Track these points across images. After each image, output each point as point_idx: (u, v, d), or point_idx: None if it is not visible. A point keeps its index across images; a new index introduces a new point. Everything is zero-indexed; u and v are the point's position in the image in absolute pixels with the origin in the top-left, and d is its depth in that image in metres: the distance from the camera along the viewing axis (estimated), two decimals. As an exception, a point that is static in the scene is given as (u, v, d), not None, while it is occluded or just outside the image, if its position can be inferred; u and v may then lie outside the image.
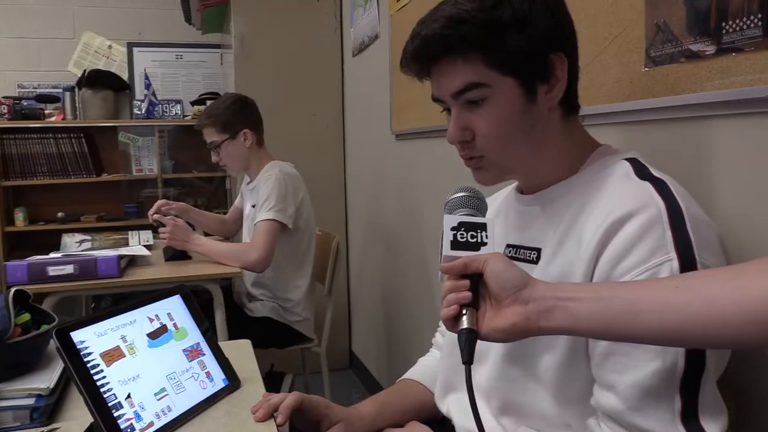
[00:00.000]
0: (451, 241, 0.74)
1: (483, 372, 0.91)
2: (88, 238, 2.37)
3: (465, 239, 0.75)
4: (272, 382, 2.30)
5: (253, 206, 2.25)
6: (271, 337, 2.24)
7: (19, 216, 3.62)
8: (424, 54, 0.83)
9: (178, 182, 4.01)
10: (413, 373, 1.13)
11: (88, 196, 3.85)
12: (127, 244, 2.33)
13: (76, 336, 0.81)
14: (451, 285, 0.72)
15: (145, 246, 2.27)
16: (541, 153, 0.85)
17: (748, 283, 0.56)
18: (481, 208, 0.80)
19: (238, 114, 2.23)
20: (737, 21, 0.86)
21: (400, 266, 2.47)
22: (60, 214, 3.72)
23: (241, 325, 2.14)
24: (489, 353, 0.90)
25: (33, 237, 3.64)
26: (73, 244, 2.31)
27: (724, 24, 0.88)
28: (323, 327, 2.37)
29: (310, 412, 0.97)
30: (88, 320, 0.84)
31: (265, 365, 2.39)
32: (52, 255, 1.97)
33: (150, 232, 2.50)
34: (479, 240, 0.75)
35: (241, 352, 1.17)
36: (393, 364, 2.70)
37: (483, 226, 0.76)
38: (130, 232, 2.47)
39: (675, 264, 0.69)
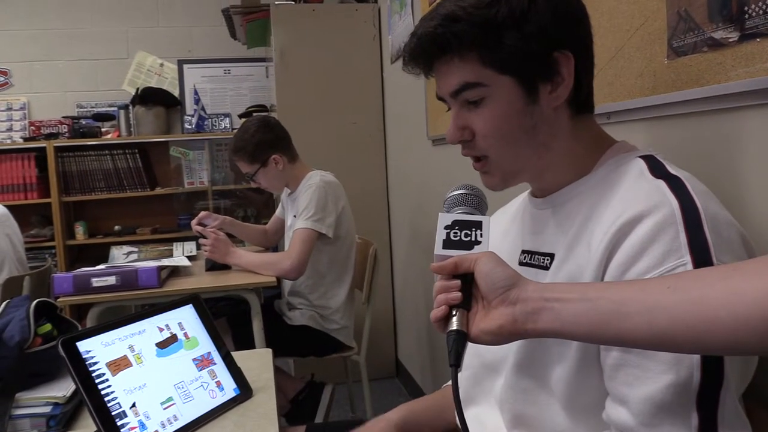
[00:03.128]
0: (444, 240, 0.72)
1: (499, 383, 0.88)
2: (135, 249, 2.45)
3: (458, 238, 0.72)
4: (312, 392, 2.30)
5: (295, 216, 2.27)
6: (309, 345, 2.25)
7: (80, 230, 3.79)
8: (420, 53, 0.81)
9: (228, 194, 4.10)
10: None
11: (144, 209, 3.99)
12: (171, 255, 2.39)
13: (83, 346, 0.82)
14: (442, 285, 0.70)
15: (188, 257, 2.32)
16: (548, 155, 0.82)
17: (741, 283, 0.50)
18: (479, 206, 0.77)
19: (263, 141, 2.23)
20: (759, 3, 0.80)
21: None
22: (117, 227, 3.86)
23: (280, 334, 2.16)
24: (505, 363, 0.87)
25: (92, 250, 3.79)
26: (120, 255, 2.39)
27: (746, 8, 0.82)
28: (362, 335, 2.36)
29: None
30: (95, 330, 0.85)
31: (306, 374, 2.40)
32: (99, 267, 2.04)
33: (194, 243, 2.56)
34: (473, 239, 0.72)
35: (260, 361, 1.17)
36: (437, 372, 2.66)
37: (478, 225, 0.73)
38: (174, 244, 2.54)
39: (689, 268, 0.64)
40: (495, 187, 0.86)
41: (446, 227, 0.73)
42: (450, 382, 1.10)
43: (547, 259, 0.82)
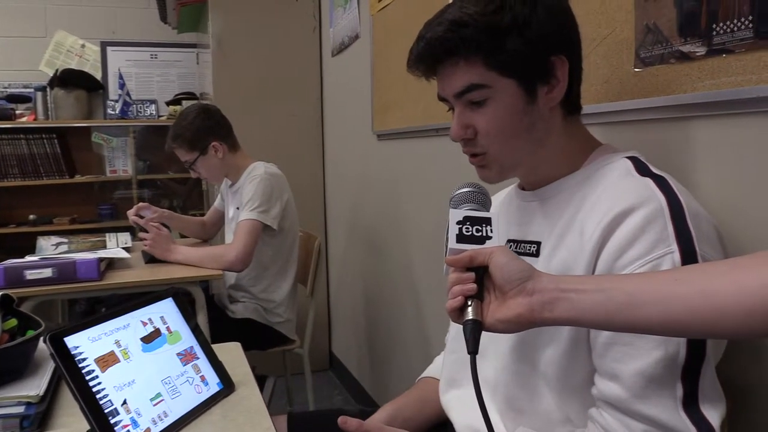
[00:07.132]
0: (457, 234, 0.76)
1: (487, 367, 0.92)
2: (65, 240, 2.32)
3: (470, 233, 0.76)
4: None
5: (238, 208, 2.23)
6: (252, 338, 2.21)
7: (-11, 219, 3.53)
8: (428, 56, 0.85)
9: (152, 183, 3.95)
10: (430, 370, 1.15)
11: (61, 197, 3.77)
12: (104, 247, 2.28)
13: (70, 341, 0.79)
14: (457, 277, 0.74)
15: (123, 248, 2.22)
16: (543, 151, 0.88)
17: (745, 276, 0.57)
18: (485, 203, 0.82)
19: (203, 128, 2.19)
20: (727, 23, 0.87)
21: (382, 266, 2.47)
22: (32, 217, 3.63)
23: (223, 327, 2.11)
24: (492, 348, 0.91)
25: (4, 240, 3.54)
26: (49, 246, 2.25)
27: (714, 26, 0.89)
28: (305, 328, 2.36)
29: None
30: (81, 325, 0.82)
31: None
32: (28, 258, 1.92)
33: (128, 234, 2.46)
34: (484, 234, 0.76)
35: (231, 355, 1.16)
36: (374, 364, 2.69)
37: (488, 221, 0.77)
38: (107, 234, 2.43)
39: (676, 256, 0.71)
40: (491, 180, 0.91)
41: (458, 222, 0.76)
42: (423, 374, 1.14)
43: (534, 247, 0.88)
